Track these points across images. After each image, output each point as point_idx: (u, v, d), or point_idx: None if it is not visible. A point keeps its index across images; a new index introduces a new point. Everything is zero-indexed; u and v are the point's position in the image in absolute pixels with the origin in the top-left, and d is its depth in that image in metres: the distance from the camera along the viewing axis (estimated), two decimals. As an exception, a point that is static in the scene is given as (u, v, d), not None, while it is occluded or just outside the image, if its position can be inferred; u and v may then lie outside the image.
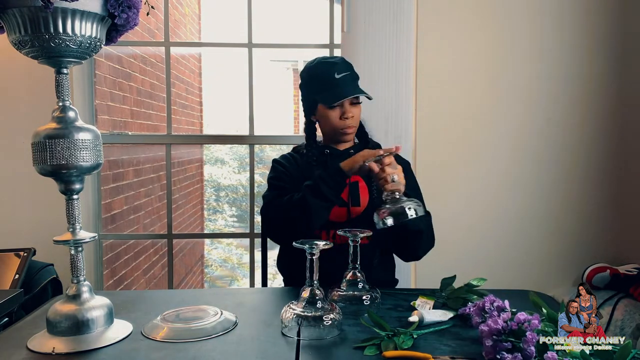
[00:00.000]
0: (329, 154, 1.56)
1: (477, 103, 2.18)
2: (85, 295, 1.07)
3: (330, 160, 1.55)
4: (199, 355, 0.97)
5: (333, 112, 1.50)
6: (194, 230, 5.48)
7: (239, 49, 2.43)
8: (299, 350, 0.99)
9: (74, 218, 1.07)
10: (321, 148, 1.58)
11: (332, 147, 1.58)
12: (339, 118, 1.50)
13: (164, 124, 3.82)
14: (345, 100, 1.48)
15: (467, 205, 2.21)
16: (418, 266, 2.18)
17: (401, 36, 2.08)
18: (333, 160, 1.55)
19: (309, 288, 1.07)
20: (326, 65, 1.51)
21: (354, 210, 1.50)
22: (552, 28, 2.16)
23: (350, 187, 1.51)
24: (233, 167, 8.82)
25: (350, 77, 1.51)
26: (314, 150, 1.58)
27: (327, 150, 1.57)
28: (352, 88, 1.50)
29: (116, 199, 3.03)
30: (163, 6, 2.32)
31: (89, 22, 1.00)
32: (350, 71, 1.52)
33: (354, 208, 1.50)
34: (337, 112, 1.50)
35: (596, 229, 2.22)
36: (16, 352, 1.00)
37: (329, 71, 1.49)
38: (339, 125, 1.51)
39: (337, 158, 1.54)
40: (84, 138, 1.03)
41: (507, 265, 2.20)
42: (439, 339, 1.05)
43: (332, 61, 1.52)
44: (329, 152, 1.56)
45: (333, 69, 1.49)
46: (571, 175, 2.20)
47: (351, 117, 1.49)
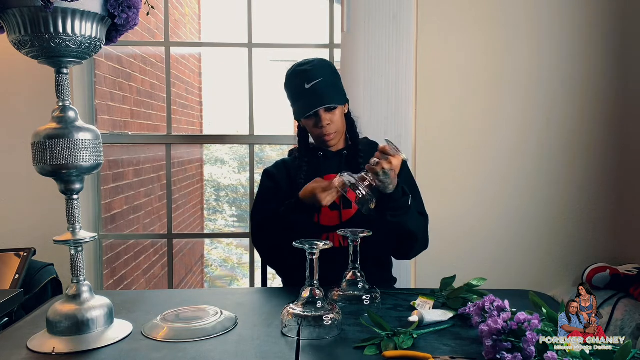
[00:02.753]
0: (322, 156, 1.56)
1: (477, 103, 2.18)
2: (85, 295, 1.07)
3: (323, 162, 1.55)
4: (199, 355, 0.97)
5: (309, 121, 1.51)
6: (194, 230, 5.48)
7: (239, 49, 2.42)
8: (299, 350, 0.99)
9: (74, 218, 1.07)
10: (314, 151, 1.57)
11: (325, 150, 1.56)
12: (316, 126, 1.50)
13: (164, 124, 3.82)
14: (320, 109, 1.46)
15: (466, 205, 2.21)
16: (418, 266, 2.18)
17: (401, 36, 2.08)
18: (326, 162, 1.55)
19: (309, 288, 1.07)
20: (297, 76, 1.50)
21: (346, 213, 1.49)
22: (551, 28, 2.16)
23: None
24: (233, 167, 8.82)
25: (322, 84, 1.47)
26: (305, 153, 1.58)
27: (321, 152, 1.56)
28: (320, 97, 1.47)
29: (116, 199, 3.03)
30: (163, 6, 2.32)
31: (89, 22, 1.00)
32: (323, 77, 1.47)
33: (345, 211, 1.49)
34: (312, 121, 1.50)
35: (596, 229, 2.22)
36: (16, 352, 1.00)
37: (299, 82, 1.48)
38: (316, 133, 1.52)
39: (330, 160, 1.55)
40: (84, 138, 1.03)
41: (507, 265, 2.21)
42: (439, 339, 1.05)
43: (303, 69, 1.49)
44: (322, 155, 1.56)
45: (303, 79, 1.47)
46: (571, 175, 2.20)
47: (327, 124, 1.48)
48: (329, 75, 1.50)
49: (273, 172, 1.59)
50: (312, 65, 1.49)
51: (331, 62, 1.57)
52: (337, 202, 1.47)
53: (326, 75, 1.49)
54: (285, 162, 1.62)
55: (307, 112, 1.47)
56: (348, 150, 1.57)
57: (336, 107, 1.49)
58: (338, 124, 1.51)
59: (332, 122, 1.49)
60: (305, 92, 1.47)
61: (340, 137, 1.56)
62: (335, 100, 1.48)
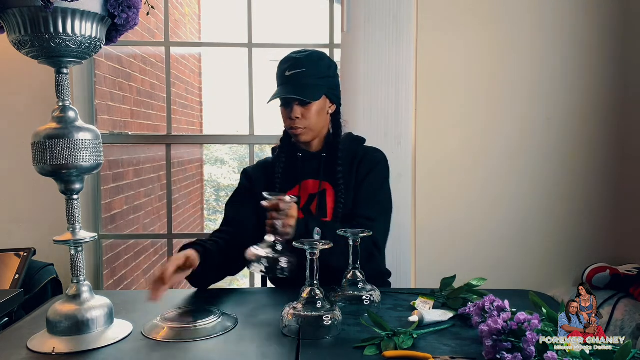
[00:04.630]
0: (300, 157, 1.50)
1: (476, 103, 2.18)
2: (85, 295, 1.07)
3: (301, 164, 1.49)
4: (199, 355, 0.97)
5: (284, 111, 1.44)
6: (194, 230, 5.47)
7: (239, 49, 2.42)
8: (299, 350, 0.99)
9: (74, 218, 1.07)
10: (294, 150, 1.52)
11: (304, 151, 1.51)
12: (287, 117, 1.44)
13: (164, 124, 3.82)
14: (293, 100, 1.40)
15: (466, 205, 2.21)
16: (418, 266, 2.18)
17: (401, 36, 2.08)
18: (304, 164, 1.49)
19: (309, 288, 1.07)
20: (284, 62, 1.44)
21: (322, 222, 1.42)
22: (552, 28, 2.16)
23: (318, 198, 1.46)
24: (233, 167, 8.82)
25: (302, 75, 1.40)
26: (285, 150, 1.52)
27: (300, 153, 1.50)
28: (293, 87, 1.40)
29: (116, 199, 3.03)
30: (163, 6, 2.32)
31: (89, 22, 1.00)
32: (307, 69, 1.40)
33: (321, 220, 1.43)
34: (285, 111, 1.44)
35: (596, 229, 2.22)
36: (16, 352, 1.00)
37: (282, 68, 1.43)
38: (285, 124, 1.46)
39: (309, 162, 1.49)
40: (84, 138, 1.03)
41: (507, 265, 2.20)
42: (439, 339, 1.05)
43: (292, 57, 1.43)
44: (301, 156, 1.50)
45: (286, 65, 1.42)
46: (571, 175, 2.20)
47: (296, 117, 1.41)
48: (315, 68, 1.42)
49: (250, 173, 1.56)
50: (302, 55, 1.43)
51: (330, 60, 1.49)
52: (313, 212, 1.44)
53: (312, 68, 1.41)
54: (266, 161, 1.58)
55: (274, 98, 1.41)
56: (327, 153, 1.49)
57: (310, 102, 1.41)
58: (311, 121, 1.43)
59: (304, 118, 1.42)
60: (285, 79, 1.42)
61: (314, 135, 1.47)
62: (308, 95, 1.40)
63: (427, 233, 2.19)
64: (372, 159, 1.49)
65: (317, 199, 1.46)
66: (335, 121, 1.51)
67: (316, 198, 1.45)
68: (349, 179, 1.46)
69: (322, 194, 1.46)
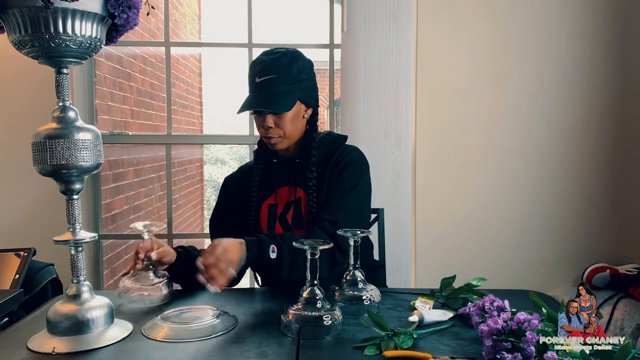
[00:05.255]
0: (275, 164, 1.47)
1: (477, 103, 2.18)
2: (85, 295, 1.07)
3: (277, 171, 1.45)
4: (199, 355, 0.97)
5: (257, 119, 1.38)
6: (194, 230, 5.47)
7: (239, 49, 2.42)
8: (299, 350, 0.99)
9: (74, 218, 1.07)
10: (270, 156, 1.47)
11: (280, 156, 1.46)
12: (260, 126, 1.39)
13: (164, 124, 3.81)
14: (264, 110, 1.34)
15: (466, 205, 2.21)
16: (418, 266, 2.18)
17: (401, 36, 2.08)
18: (280, 171, 1.45)
19: (309, 288, 1.07)
20: (254, 65, 1.37)
21: (297, 233, 1.39)
22: (552, 28, 2.16)
23: (294, 206, 1.42)
24: (233, 167, 8.82)
25: (272, 83, 1.32)
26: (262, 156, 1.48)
27: (275, 159, 1.47)
28: (263, 99, 1.33)
29: (116, 199, 3.03)
30: (163, 6, 2.32)
31: (89, 22, 1.00)
32: (278, 74, 1.32)
33: (297, 231, 1.40)
34: (257, 120, 1.38)
35: (596, 229, 2.22)
36: (16, 352, 1.00)
37: (253, 73, 1.36)
38: (260, 133, 1.41)
39: (284, 169, 1.45)
40: (84, 138, 1.03)
41: (507, 265, 2.21)
42: (439, 339, 1.05)
43: (261, 60, 1.36)
44: (276, 162, 1.47)
45: (256, 71, 1.35)
46: (571, 175, 2.20)
47: (269, 127, 1.36)
48: (286, 73, 1.33)
49: (227, 184, 1.53)
50: (272, 58, 1.35)
51: (303, 61, 1.39)
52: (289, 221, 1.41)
53: (283, 73, 1.33)
54: (247, 166, 1.54)
55: (244, 110, 1.36)
56: (301, 159, 1.43)
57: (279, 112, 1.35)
58: (286, 129, 1.37)
59: (278, 126, 1.36)
60: (254, 86, 1.35)
61: (291, 142, 1.41)
62: (279, 106, 1.33)
63: (427, 233, 2.19)
64: (344, 159, 1.42)
65: (292, 207, 1.42)
66: (312, 124, 1.44)
67: (292, 206, 1.42)
68: (321, 183, 1.41)
69: (298, 201, 1.41)
